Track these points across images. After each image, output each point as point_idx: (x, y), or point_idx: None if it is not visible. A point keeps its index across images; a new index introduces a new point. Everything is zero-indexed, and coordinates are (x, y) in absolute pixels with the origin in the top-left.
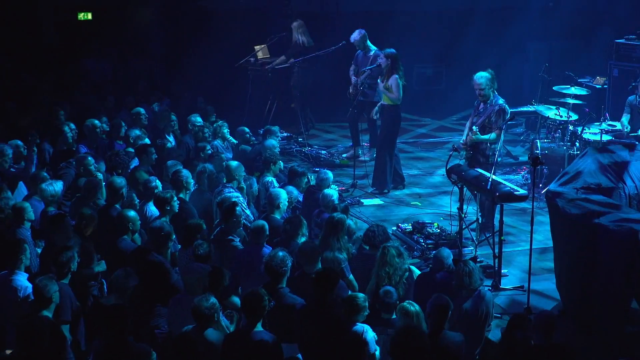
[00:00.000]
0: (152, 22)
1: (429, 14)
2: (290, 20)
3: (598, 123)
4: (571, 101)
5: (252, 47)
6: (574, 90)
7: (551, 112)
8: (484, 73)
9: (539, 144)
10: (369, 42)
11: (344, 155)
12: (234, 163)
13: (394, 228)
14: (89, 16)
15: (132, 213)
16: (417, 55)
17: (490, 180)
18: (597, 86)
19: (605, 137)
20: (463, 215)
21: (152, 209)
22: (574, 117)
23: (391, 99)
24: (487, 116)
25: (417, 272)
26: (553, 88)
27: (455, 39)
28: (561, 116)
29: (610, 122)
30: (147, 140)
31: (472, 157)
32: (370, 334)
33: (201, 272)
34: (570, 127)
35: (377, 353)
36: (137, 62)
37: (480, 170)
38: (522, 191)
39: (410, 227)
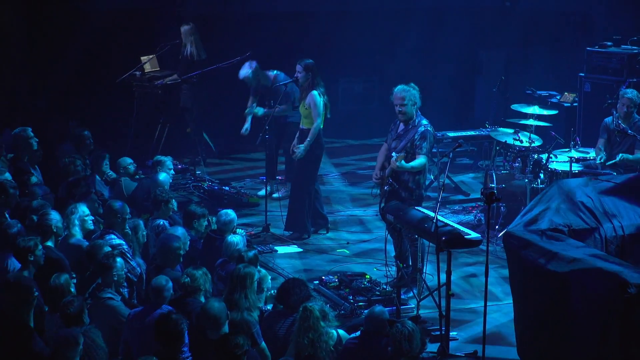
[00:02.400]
0: (12, 27)
1: (357, 15)
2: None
3: (567, 150)
4: (534, 123)
5: (138, 57)
6: (536, 109)
7: (509, 137)
8: (407, 87)
9: (494, 176)
10: (266, 72)
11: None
12: (117, 203)
13: (316, 282)
14: None
15: None
16: (342, 67)
17: (434, 221)
18: (566, 104)
19: (576, 167)
20: (402, 265)
21: (13, 261)
22: (538, 142)
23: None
24: (410, 140)
25: (345, 336)
26: (511, 107)
27: (391, 46)
28: (521, 142)
29: (581, 149)
30: (7, 176)
31: (392, 192)
32: None
33: (75, 338)
34: (533, 155)
35: None
36: None
37: (422, 210)
38: (474, 234)
39: (337, 280)
